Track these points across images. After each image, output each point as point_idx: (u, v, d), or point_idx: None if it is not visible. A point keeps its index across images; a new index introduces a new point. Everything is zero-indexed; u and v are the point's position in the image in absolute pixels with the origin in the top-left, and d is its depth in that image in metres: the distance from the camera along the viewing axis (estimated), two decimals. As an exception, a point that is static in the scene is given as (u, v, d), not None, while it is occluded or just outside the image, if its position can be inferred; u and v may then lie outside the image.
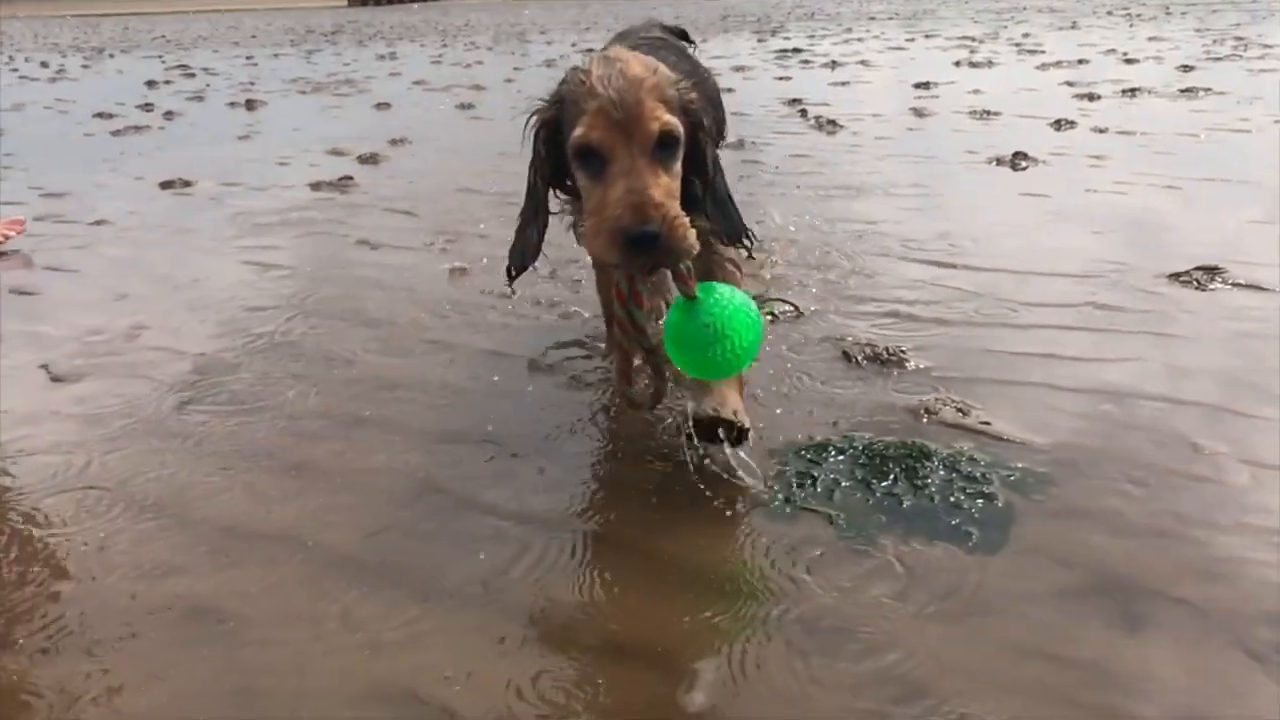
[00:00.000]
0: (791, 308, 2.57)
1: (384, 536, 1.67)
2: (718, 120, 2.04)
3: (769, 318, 2.51)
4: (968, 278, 2.81)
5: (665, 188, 1.52)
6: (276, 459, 1.94)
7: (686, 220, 1.50)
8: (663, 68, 1.63)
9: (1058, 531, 1.58)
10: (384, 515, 1.73)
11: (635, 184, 1.48)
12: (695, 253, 1.50)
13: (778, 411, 2.02)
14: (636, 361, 1.88)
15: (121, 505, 1.80)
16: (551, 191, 1.74)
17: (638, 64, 1.60)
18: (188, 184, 4.76)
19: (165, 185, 4.75)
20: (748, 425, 1.73)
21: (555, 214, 1.78)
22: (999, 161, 4.41)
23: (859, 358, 2.25)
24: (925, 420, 1.97)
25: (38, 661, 1.40)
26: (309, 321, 2.70)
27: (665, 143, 1.54)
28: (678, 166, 1.59)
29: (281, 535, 1.69)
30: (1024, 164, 4.34)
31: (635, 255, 1.48)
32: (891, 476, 1.75)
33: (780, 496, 1.71)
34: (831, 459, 1.82)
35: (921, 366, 2.21)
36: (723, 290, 1.59)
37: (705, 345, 1.54)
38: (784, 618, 1.41)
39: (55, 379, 2.41)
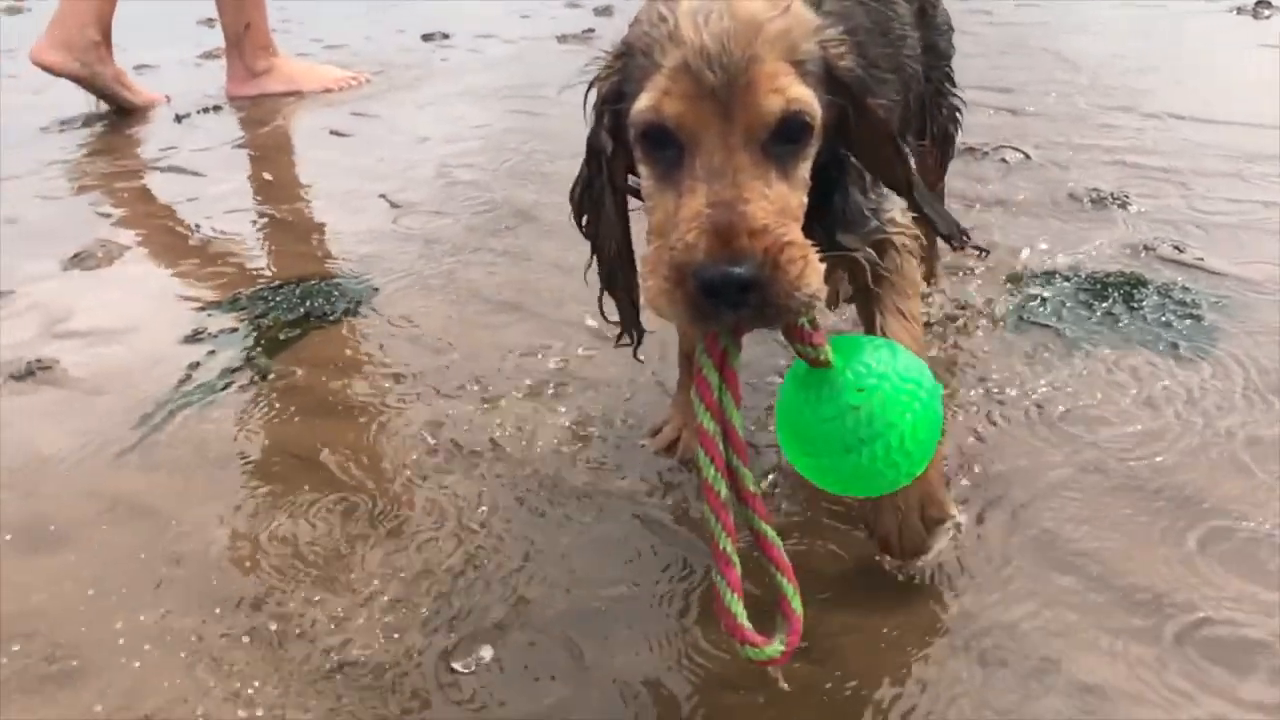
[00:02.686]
0: (1022, 154, 2.83)
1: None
2: (909, 81, 1.54)
3: (995, 154, 2.78)
4: (1195, 129, 2.96)
5: (778, 202, 1.02)
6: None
7: (808, 252, 1.00)
8: (798, 3, 1.11)
9: (1256, 346, 1.86)
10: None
11: (725, 193, 0.99)
12: (818, 305, 1.02)
13: (1011, 242, 2.33)
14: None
15: (472, 301, 2.32)
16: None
17: None
18: (446, 36, 5.25)
19: (426, 38, 5.26)
20: (953, 514, 1.41)
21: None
22: (1240, 10, 4.34)
23: (1085, 200, 2.52)
24: (1143, 255, 2.24)
25: (409, 398, 1.94)
26: (585, 162, 3.14)
27: (789, 131, 1.04)
28: (805, 170, 1.08)
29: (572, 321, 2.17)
30: (1267, 12, 4.27)
31: (712, 312, 0.98)
32: (1110, 299, 2.05)
33: (1015, 315, 2.04)
34: (1058, 284, 2.13)
35: (1143, 209, 2.46)
36: (878, 350, 1.11)
37: (845, 443, 1.06)
38: (1019, 400, 1.78)
39: (394, 205, 2.95)
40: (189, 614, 1.47)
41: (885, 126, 1.17)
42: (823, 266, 1.02)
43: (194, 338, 2.21)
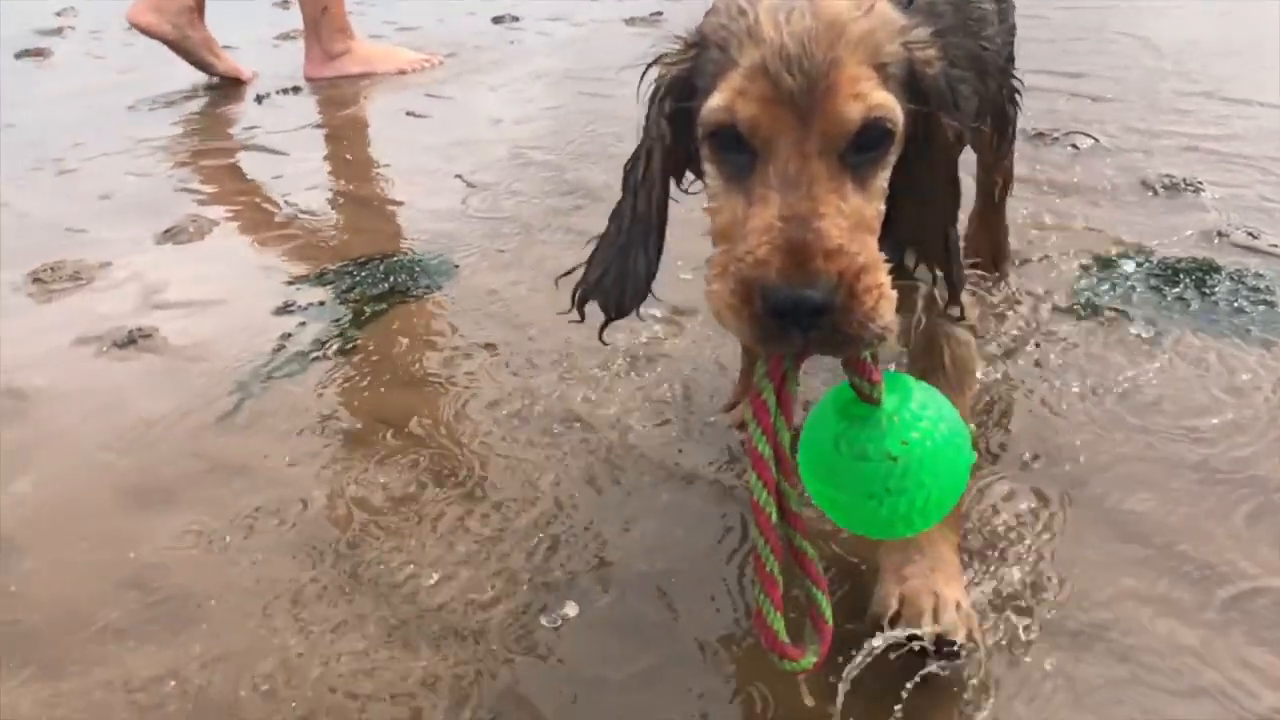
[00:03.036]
0: (1092, 139, 2.83)
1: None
2: (985, 84, 1.43)
3: (1067, 143, 2.78)
4: (1270, 115, 2.93)
5: (853, 216, 0.97)
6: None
7: (884, 282, 0.96)
8: (883, 3, 1.05)
9: (1331, 332, 1.88)
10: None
11: (800, 206, 0.95)
12: (890, 337, 0.97)
13: (1081, 226, 2.34)
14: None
15: (547, 278, 2.38)
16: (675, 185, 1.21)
17: None
18: (516, 19, 5.32)
19: (496, 20, 5.33)
20: (959, 639, 1.23)
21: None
22: (1319, -6, 4.26)
23: (1157, 186, 2.51)
24: (1216, 242, 2.24)
25: (490, 370, 2.02)
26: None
27: (869, 138, 0.99)
28: (884, 179, 1.02)
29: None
30: (1350, -5, 4.18)
31: (780, 334, 0.94)
32: (1182, 284, 2.06)
33: (1083, 298, 2.06)
34: (1129, 269, 2.14)
35: (1217, 196, 2.45)
36: (927, 401, 1.06)
37: (870, 489, 1.02)
38: (1085, 382, 1.81)
39: (470, 185, 3.04)
40: (286, 566, 1.57)
41: (951, 152, 1.10)
42: (894, 295, 0.97)
43: (284, 310, 2.32)
